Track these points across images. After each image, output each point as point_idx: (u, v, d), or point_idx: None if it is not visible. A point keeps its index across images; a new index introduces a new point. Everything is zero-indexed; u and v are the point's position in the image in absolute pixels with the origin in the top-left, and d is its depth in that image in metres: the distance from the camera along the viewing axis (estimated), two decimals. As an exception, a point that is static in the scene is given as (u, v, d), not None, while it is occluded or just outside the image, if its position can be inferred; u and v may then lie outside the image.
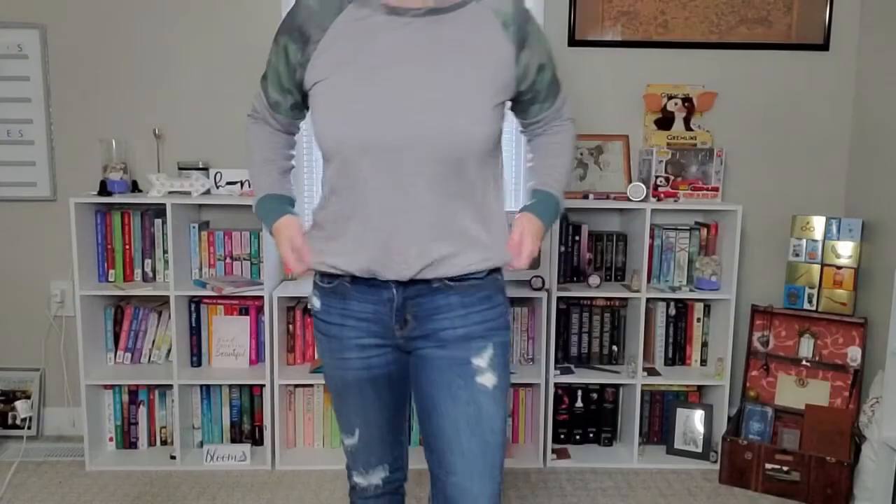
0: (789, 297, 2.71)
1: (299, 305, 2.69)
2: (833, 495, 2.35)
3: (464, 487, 1.25)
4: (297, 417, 2.72)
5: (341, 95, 1.19)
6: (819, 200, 2.87)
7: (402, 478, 1.50)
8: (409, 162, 1.18)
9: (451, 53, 1.19)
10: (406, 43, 1.19)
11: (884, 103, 2.64)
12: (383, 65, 1.18)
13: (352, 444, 1.41)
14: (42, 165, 2.76)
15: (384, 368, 1.34)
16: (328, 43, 1.21)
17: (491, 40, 1.22)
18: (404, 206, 1.20)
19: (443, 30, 1.20)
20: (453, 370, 1.27)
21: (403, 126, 1.16)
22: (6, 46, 2.69)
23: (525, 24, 1.24)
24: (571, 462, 2.65)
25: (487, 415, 1.26)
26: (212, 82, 2.75)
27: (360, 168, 1.19)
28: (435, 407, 1.28)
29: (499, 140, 1.28)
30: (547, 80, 1.32)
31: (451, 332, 1.27)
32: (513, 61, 1.24)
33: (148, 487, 2.45)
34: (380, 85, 1.17)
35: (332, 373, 1.36)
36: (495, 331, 1.30)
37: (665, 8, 2.75)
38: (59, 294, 2.81)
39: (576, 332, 2.75)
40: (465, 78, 1.19)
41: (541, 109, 1.36)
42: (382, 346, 1.32)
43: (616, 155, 2.76)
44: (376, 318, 1.30)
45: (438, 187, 1.20)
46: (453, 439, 1.26)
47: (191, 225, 2.66)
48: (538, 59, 1.28)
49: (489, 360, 1.28)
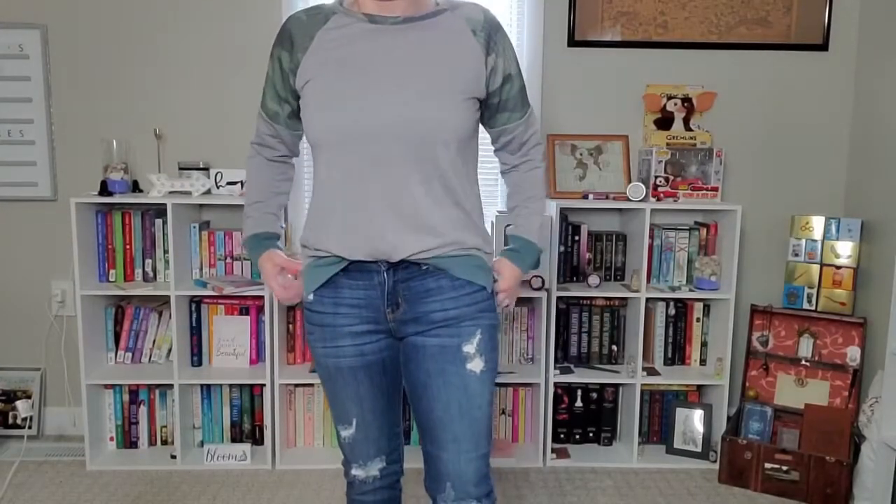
0: (789, 297, 2.71)
1: (299, 306, 2.70)
2: (832, 495, 2.36)
3: (454, 465, 1.36)
4: (297, 417, 2.72)
5: (324, 92, 1.30)
6: (818, 200, 2.88)
7: (398, 471, 1.54)
8: (385, 149, 1.27)
9: (423, 53, 1.30)
10: (383, 46, 1.30)
11: (883, 103, 2.64)
12: (362, 65, 1.29)
13: (349, 434, 1.46)
14: (43, 165, 2.77)
15: (377, 355, 1.40)
16: (315, 48, 1.33)
17: (462, 43, 1.33)
18: (383, 192, 1.29)
19: (417, 35, 1.31)
20: (445, 358, 1.35)
21: (379, 117, 1.26)
22: (7, 46, 2.70)
23: (494, 33, 1.35)
24: (571, 462, 2.66)
25: (475, 396, 1.35)
26: (212, 82, 2.76)
27: (341, 157, 1.30)
28: (427, 392, 1.36)
29: (473, 132, 1.36)
30: (514, 91, 1.41)
31: (442, 314, 1.34)
32: (482, 62, 1.34)
33: (148, 487, 2.45)
34: (358, 82, 1.28)
35: (325, 361, 1.41)
36: (484, 313, 1.38)
37: (664, 8, 2.76)
38: (60, 294, 2.82)
39: (575, 331, 2.76)
40: (435, 74, 1.29)
41: (509, 119, 1.44)
42: (375, 332, 1.39)
43: (616, 155, 2.76)
44: (368, 304, 1.36)
45: (415, 173, 1.29)
46: (444, 421, 1.35)
47: (191, 225, 2.67)
48: (504, 68, 1.37)
49: (477, 344, 1.36)
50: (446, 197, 1.32)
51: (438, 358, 1.35)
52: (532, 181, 1.50)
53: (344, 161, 1.30)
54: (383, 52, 1.29)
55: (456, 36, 1.33)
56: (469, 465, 1.36)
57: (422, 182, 1.29)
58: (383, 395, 1.44)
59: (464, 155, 1.36)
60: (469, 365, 1.34)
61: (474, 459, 1.37)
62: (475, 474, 1.37)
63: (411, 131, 1.27)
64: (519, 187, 1.50)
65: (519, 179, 1.50)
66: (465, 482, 1.37)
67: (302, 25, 1.35)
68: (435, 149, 1.29)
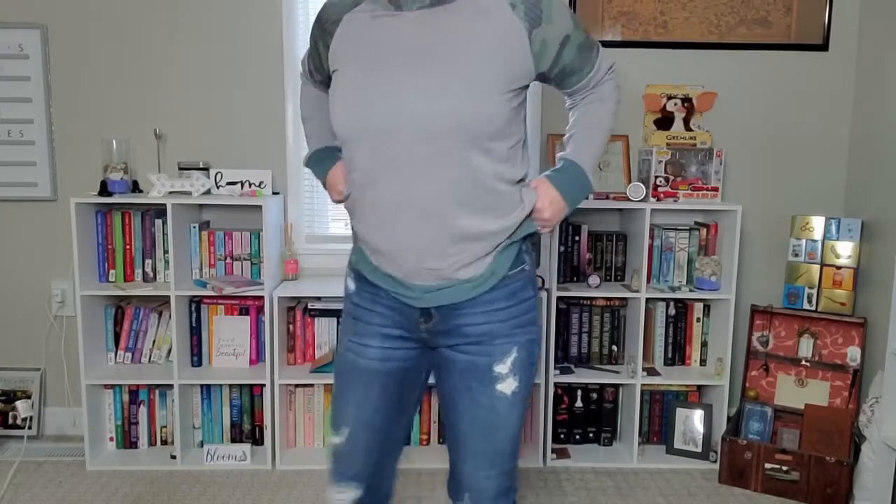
0: (789, 297, 2.71)
1: (299, 305, 2.70)
2: (832, 495, 2.36)
3: (473, 479, 1.33)
4: (297, 417, 2.72)
5: (345, 86, 1.24)
6: (818, 200, 2.88)
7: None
8: (403, 146, 1.18)
9: (450, 42, 1.18)
10: (407, 35, 1.20)
11: (883, 103, 2.64)
12: (383, 56, 1.21)
13: (338, 443, 1.38)
14: (43, 165, 2.76)
15: (401, 363, 1.35)
16: (340, 34, 1.28)
17: (498, 24, 1.19)
18: (403, 195, 1.20)
19: (446, 20, 1.19)
20: (474, 376, 1.29)
21: (396, 111, 1.17)
22: (7, 46, 2.70)
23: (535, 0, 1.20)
24: (571, 462, 2.66)
25: (502, 420, 1.30)
26: (212, 82, 2.76)
27: (360, 153, 1.23)
28: (454, 406, 1.32)
29: (507, 124, 1.21)
30: (574, 50, 1.27)
31: (474, 328, 1.28)
32: (526, 41, 1.20)
33: (148, 487, 2.45)
34: (377, 75, 1.20)
35: (346, 354, 1.36)
36: (520, 328, 1.30)
37: (664, 8, 2.76)
38: (60, 294, 2.82)
39: (576, 331, 2.76)
40: (464, 64, 1.17)
41: (579, 79, 1.33)
42: (406, 339, 1.33)
43: (616, 155, 2.76)
44: (402, 309, 1.31)
45: (439, 173, 1.18)
46: (468, 436, 1.31)
47: (191, 225, 2.67)
48: (559, 31, 1.23)
49: (511, 364, 1.29)
50: (476, 201, 1.21)
51: (466, 375, 1.29)
52: (597, 111, 1.36)
53: (359, 157, 1.24)
54: (405, 42, 1.20)
55: (493, 16, 1.18)
56: (489, 481, 1.33)
57: (446, 184, 1.18)
58: (387, 413, 1.36)
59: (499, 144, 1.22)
60: (499, 386, 1.29)
61: (494, 477, 1.33)
62: (495, 489, 1.34)
63: (428, 128, 1.16)
64: (583, 116, 1.36)
65: (584, 110, 1.37)
66: (484, 497, 1.34)
67: (333, 8, 1.31)
68: (461, 147, 1.17)
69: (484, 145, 1.19)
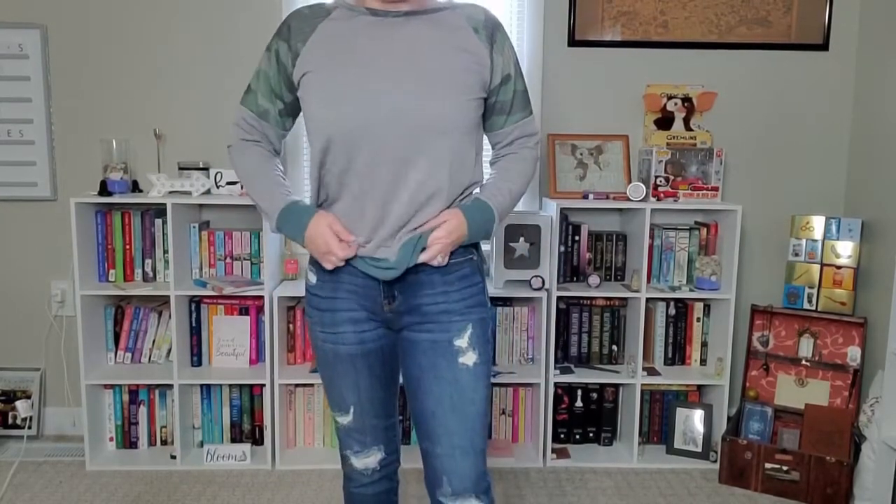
0: (789, 297, 2.71)
1: (299, 305, 2.70)
2: (833, 495, 2.36)
3: (449, 460, 1.37)
4: (297, 417, 2.72)
5: (325, 85, 1.30)
6: (819, 200, 2.88)
7: (396, 461, 1.56)
8: (385, 141, 1.28)
9: (424, 47, 1.30)
10: (384, 39, 1.31)
11: (883, 103, 2.64)
12: (363, 58, 1.29)
13: (346, 422, 1.47)
14: (42, 165, 2.76)
15: (376, 343, 1.42)
16: (316, 40, 1.33)
17: (465, 40, 1.34)
18: (380, 185, 1.30)
19: (419, 28, 1.32)
20: (437, 352, 1.36)
21: (379, 109, 1.27)
22: (6, 46, 2.70)
23: (494, 31, 1.36)
24: (571, 461, 2.66)
25: (468, 390, 1.37)
26: (212, 82, 2.75)
27: (343, 149, 1.30)
28: (420, 386, 1.38)
29: (473, 127, 1.35)
30: (510, 94, 1.40)
31: (433, 307, 1.37)
32: (487, 58, 1.34)
33: (148, 487, 2.45)
34: (358, 74, 1.28)
35: (323, 346, 1.43)
36: (473, 308, 1.39)
37: (664, 8, 2.75)
38: (60, 294, 2.82)
39: (576, 331, 2.76)
40: (436, 67, 1.29)
41: (504, 123, 1.43)
42: (373, 320, 1.41)
43: (616, 155, 2.76)
44: (365, 293, 1.38)
45: (415, 165, 1.29)
46: (437, 414, 1.37)
47: (191, 225, 2.66)
48: (504, 67, 1.37)
49: (469, 338, 1.37)
50: (444, 189, 1.33)
51: (430, 353, 1.37)
52: (516, 167, 1.43)
53: (346, 153, 1.30)
54: (382, 45, 1.30)
55: (459, 33, 1.34)
56: (465, 459, 1.37)
57: (421, 174, 1.30)
58: (381, 385, 1.46)
59: (466, 146, 1.35)
60: (461, 359, 1.36)
61: (470, 454, 1.37)
62: (472, 470, 1.37)
63: (412, 123, 1.27)
64: (503, 171, 1.43)
65: (505, 165, 1.44)
66: (462, 477, 1.37)
67: (303, 17, 1.36)
68: (436, 140, 1.29)
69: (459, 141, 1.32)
